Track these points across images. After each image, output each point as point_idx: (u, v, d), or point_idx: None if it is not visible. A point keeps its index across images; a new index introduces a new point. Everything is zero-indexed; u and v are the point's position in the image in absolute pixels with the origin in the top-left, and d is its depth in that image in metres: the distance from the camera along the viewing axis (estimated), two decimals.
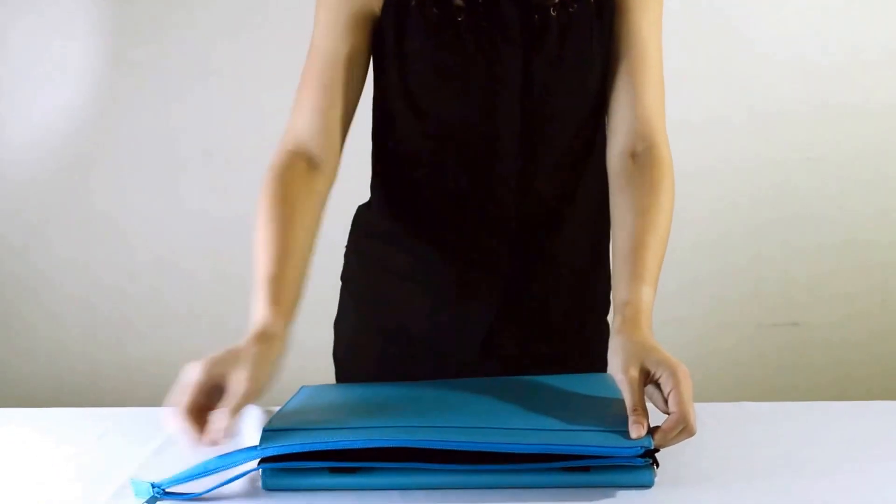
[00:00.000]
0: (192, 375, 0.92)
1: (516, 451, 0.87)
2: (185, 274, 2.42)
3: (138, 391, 2.41)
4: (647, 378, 0.94)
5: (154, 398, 2.49)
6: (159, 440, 1.06)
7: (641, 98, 1.15)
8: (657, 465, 0.89)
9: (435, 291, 1.22)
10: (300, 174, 1.13)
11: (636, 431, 0.88)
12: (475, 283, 1.20)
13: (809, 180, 2.36)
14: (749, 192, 2.36)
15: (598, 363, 1.16)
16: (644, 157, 1.13)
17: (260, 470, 0.91)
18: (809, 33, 2.31)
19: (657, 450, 0.90)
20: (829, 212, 2.37)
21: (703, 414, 1.10)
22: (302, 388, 1.12)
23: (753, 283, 2.40)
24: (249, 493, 0.91)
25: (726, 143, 2.30)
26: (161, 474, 0.95)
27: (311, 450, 0.88)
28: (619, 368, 0.95)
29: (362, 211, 1.31)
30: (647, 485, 0.89)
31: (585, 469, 0.88)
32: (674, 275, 2.40)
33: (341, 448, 0.88)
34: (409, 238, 1.23)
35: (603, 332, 1.28)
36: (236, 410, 0.90)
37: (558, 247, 1.22)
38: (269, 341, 0.98)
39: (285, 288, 1.05)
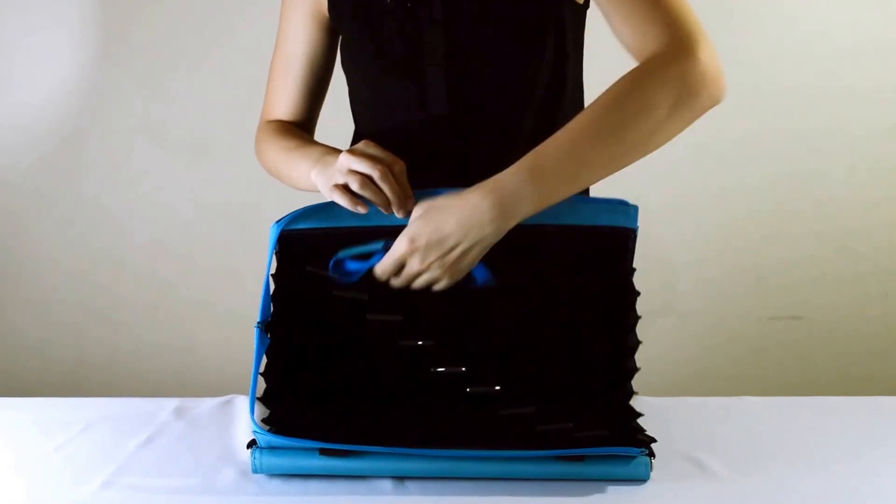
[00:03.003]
0: (371, 150, 0.99)
1: None
2: (175, 263, 2.40)
3: (126, 382, 2.40)
4: None
5: (141, 388, 2.48)
6: (147, 431, 1.04)
7: (632, 34, 1.04)
8: (653, 457, 0.88)
9: None
10: (286, 124, 1.25)
11: None
12: None
13: (812, 171, 2.35)
14: (751, 182, 2.35)
15: None
16: None
17: (250, 452, 0.91)
18: (821, 19, 2.30)
19: (654, 440, 0.90)
20: (832, 204, 2.36)
21: (705, 408, 1.10)
22: None
23: (755, 276, 2.39)
24: (238, 484, 0.90)
25: (729, 133, 2.29)
26: (148, 466, 0.95)
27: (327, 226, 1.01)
28: None
29: None
30: (643, 478, 0.88)
31: (580, 459, 0.87)
32: (675, 267, 2.40)
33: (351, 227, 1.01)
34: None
35: None
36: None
37: None
38: None
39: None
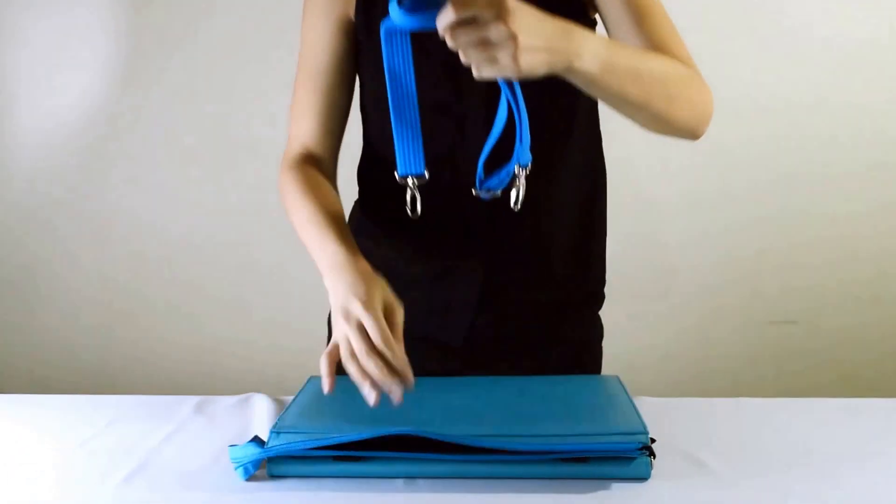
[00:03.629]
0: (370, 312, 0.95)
1: (518, 450, 0.90)
2: (196, 266, 2.44)
3: (148, 379, 2.45)
4: None
5: (163, 386, 2.54)
6: (168, 427, 1.08)
7: (657, 45, 1.12)
8: (654, 457, 0.91)
9: (415, 283, 1.22)
10: (314, 170, 1.20)
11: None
12: (453, 271, 1.21)
13: (809, 176, 2.36)
14: (748, 188, 2.36)
15: (584, 350, 1.26)
16: None
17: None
18: (815, 23, 2.31)
19: (654, 441, 0.93)
20: (828, 208, 2.37)
21: (702, 409, 1.13)
22: (310, 379, 1.14)
23: (752, 280, 2.40)
24: (255, 479, 0.93)
25: (726, 136, 2.29)
26: (170, 461, 0.98)
27: (316, 445, 0.91)
28: None
29: (354, 208, 1.33)
30: (644, 477, 0.91)
31: (584, 460, 0.90)
32: (673, 272, 2.42)
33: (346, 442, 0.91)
34: (391, 230, 1.24)
35: (593, 322, 1.31)
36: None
37: (542, 227, 1.21)
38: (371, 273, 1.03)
39: (347, 234, 1.10)
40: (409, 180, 0.98)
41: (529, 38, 0.86)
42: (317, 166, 1.21)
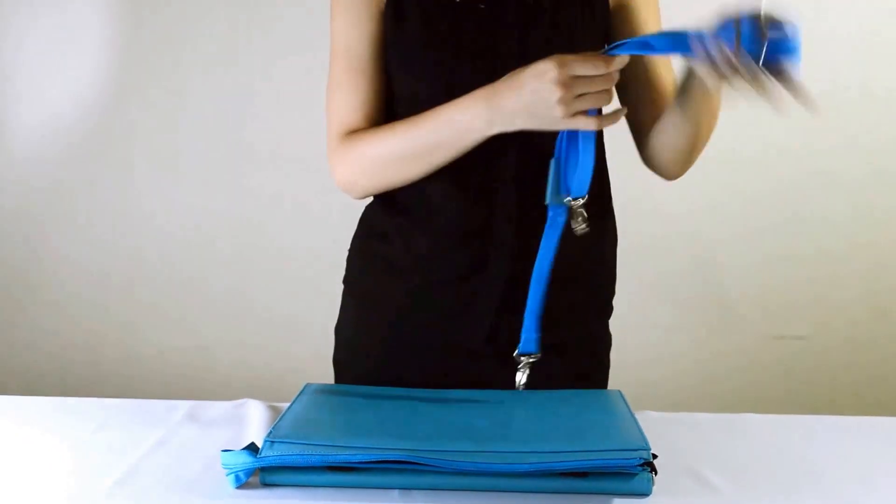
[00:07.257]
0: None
1: (515, 471, 0.88)
2: (189, 268, 2.43)
3: (139, 383, 2.43)
4: None
5: (155, 390, 2.54)
6: (159, 432, 1.06)
7: (666, 88, 1.23)
8: (655, 473, 0.90)
9: (437, 285, 1.21)
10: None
11: None
12: (478, 271, 1.18)
13: (816, 192, 2.36)
14: (754, 202, 2.35)
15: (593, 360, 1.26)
16: None
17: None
18: (828, 21, 2.30)
19: (655, 456, 0.91)
20: (836, 222, 2.37)
21: (706, 424, 1.11)
22: (306, 385, 1.12)
23: (759, 295, 2.39)
24: (247, 486, 0.91)
25: (732, 153, 2.28)
26: (160, 467, 0.96)
27: (311, 464, 0.90)
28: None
29: (367, 211, 1.31)
30: (645, 493, 0.89)
31: (583, 474, 0.89)
32: (678, 285, 2.40)
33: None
34: (408, 231, 1.22)
35: (603, 329, 1.30)
36: None
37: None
38: None
39: None
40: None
41: None
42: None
